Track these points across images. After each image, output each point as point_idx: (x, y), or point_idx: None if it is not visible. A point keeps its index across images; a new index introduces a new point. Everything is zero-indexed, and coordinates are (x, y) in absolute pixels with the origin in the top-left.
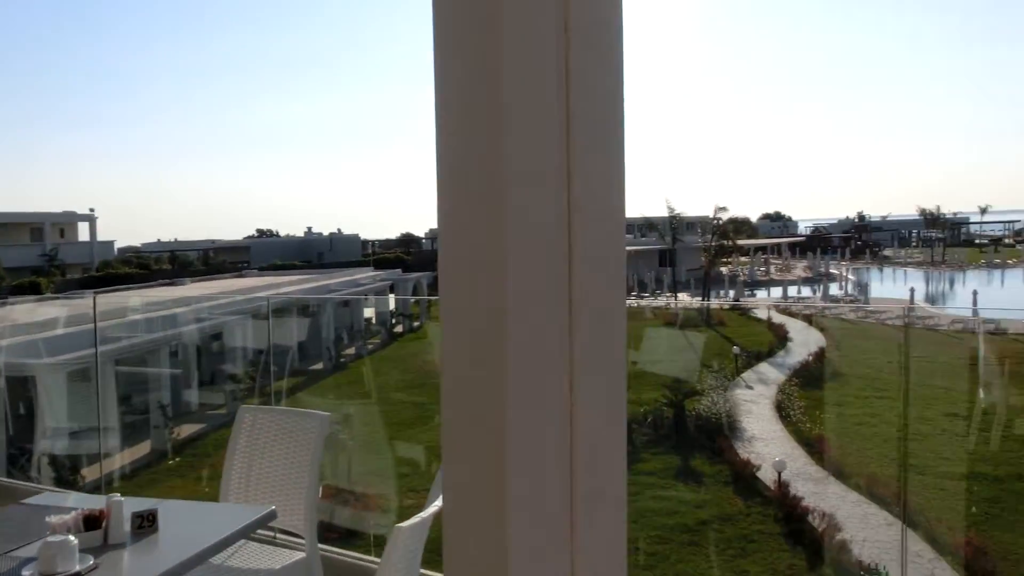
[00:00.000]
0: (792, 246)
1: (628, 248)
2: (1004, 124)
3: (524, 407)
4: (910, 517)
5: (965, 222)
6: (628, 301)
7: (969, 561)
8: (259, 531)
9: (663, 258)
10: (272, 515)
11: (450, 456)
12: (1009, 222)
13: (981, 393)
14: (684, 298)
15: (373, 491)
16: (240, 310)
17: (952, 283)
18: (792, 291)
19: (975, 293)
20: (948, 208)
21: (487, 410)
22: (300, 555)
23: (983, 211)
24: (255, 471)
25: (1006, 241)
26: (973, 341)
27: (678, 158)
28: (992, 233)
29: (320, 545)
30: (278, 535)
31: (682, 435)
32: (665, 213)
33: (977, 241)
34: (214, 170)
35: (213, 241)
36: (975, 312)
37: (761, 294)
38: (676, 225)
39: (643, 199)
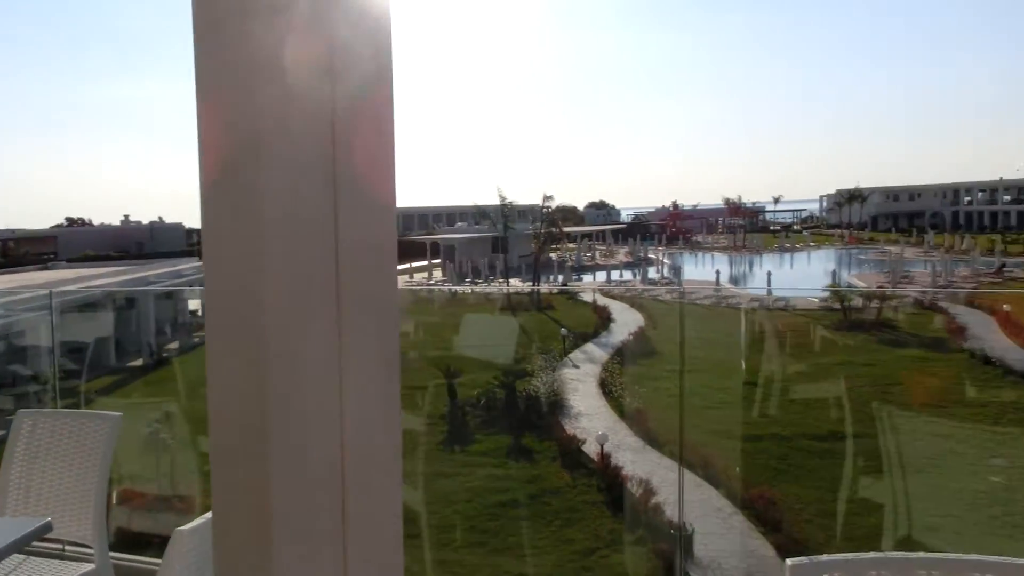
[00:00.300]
0: (615, 233)
1: (463, 236)
2: (794, 126)
3: (289, 403)
4: (713, 476)
5: (762, 211)
6: (463, 287)
7: (761, 512)
8: (44, 545)
9: (496, 245)
10: (47, 527)
11: (217, 456)
12: (798, 211)
13: (771, 363)
14: (516, 283)
15: (196, 492)
16: (44, 305)
17: (751, 265)
18: (615, 275)
19: (769, 274)
20: (748, 198)
21: (251, 406)
22: (89, 567)
23: (776, 201)
24: (36, 481)
25: (795, 228)
26: (766, 317)
27: (510, 150)
28: (784, 221)
29: (116, 554)
30: (66, 547)
31: (513, 415)
32: (497, 202)
33: (772, 228)
34: (15, 152)
35: (13, 231)
36: (769, 291)
37: (587, 278)
38: (508, 213)
39: (476, 188)
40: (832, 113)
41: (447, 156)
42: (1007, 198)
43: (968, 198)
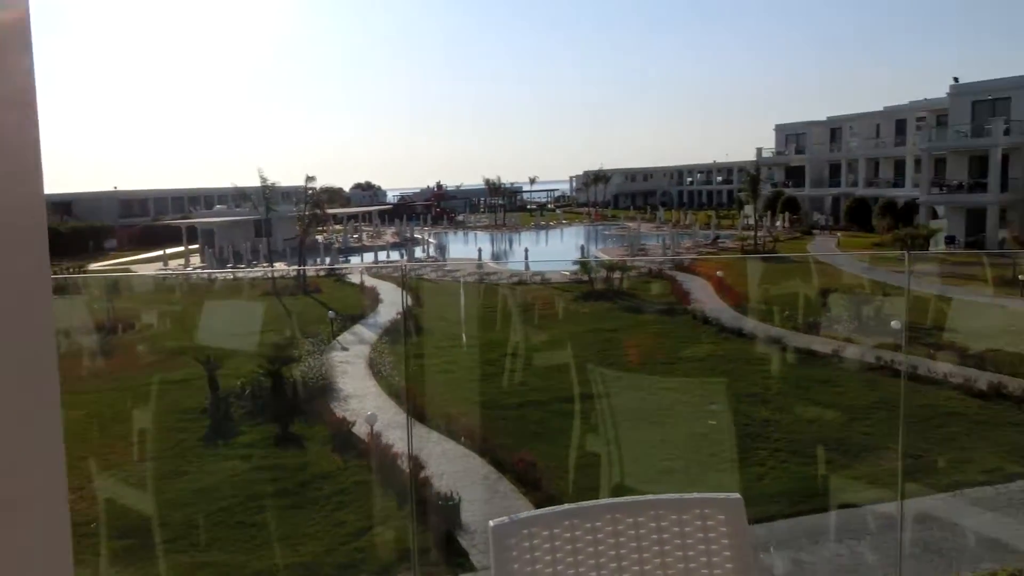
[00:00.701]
0: (382, 214)
1: (223, 219)
2: (548, 112)
3: None
4: (479, 445)
5: (520, 191)
6: (223, 273)
7: (521, 474)
8: None
9: (258, 228)
10: None
11: None
12: (551, 191)
13: (526, 334)
14: (281, 267)
15: None
16: None
17: (511, 243)
18: (383, 256)
19: (527, 251)
20: (507, 179)
21: None
22: None
23: (532, 181)
24: None
25: (549, 207)
26: (524, 291)
27: (271, 131)
28: (539, 200)
29: None
30: None
31: (281, 402)
32: (258, 183)
33: (529, 207)
34: None
35: None
36: (527, 266)
37: (355, 260)
38: (270, 195)
39: (235, 170)
40: (581, 100)
41: (203, 137)
42: (719, 179)
43: (690, 179)
